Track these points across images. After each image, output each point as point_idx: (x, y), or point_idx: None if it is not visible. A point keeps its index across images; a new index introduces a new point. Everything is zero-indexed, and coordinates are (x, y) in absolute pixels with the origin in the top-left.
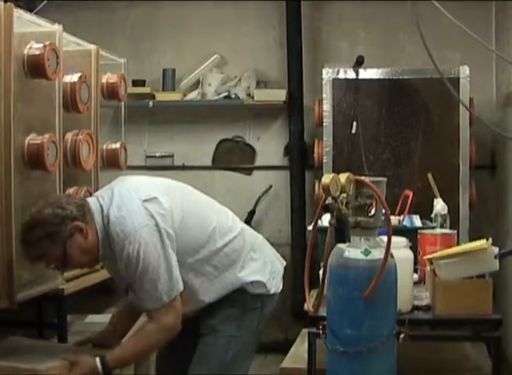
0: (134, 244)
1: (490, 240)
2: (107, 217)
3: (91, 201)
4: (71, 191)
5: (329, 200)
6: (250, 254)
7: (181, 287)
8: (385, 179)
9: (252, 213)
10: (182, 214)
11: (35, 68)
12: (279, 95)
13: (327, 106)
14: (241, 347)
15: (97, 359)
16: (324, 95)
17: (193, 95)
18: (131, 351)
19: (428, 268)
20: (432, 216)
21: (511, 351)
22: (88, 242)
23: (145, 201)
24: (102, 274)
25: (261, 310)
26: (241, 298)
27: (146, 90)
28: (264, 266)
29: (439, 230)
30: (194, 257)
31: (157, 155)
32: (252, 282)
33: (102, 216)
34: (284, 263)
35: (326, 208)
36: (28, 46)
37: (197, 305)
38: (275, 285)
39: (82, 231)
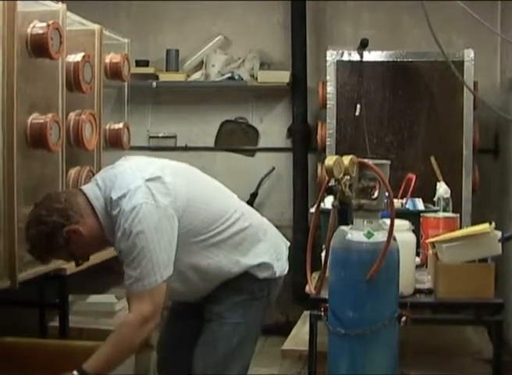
0: (128, 222)
1: (493, 224)
2: (109, 200)
3: (89, 188)
4: (73, 171)
5: (332, 182)
6: (257, 235)
7: (168, 273)
8: (388, 162)
9: (254, 195)
10: (187, 195)
11: (38, 47)
12: (283, 77)
13: (331, 88)
14: (247, 333)
15: (75, 372)
16: (328, 77)
17: (196, 76)
18: (109, 350)
19: (430, 251)
20: (435, 199)
21: None
22: (87, 236)
23: (148, 180)
24: (104, 254)
25: (268, 296)
26: (248, 284)
27: (149, 70)
28: (269, 248)
29: (441, 214)
30: (199, 238)
31: (160, 135)
32: (259, 264)
33: (105, 200)
34: (288, 244)
35: (329, 191)
36: (31, 25)
37: (202, 289)
38: (281, 267)
39: (75, 232)
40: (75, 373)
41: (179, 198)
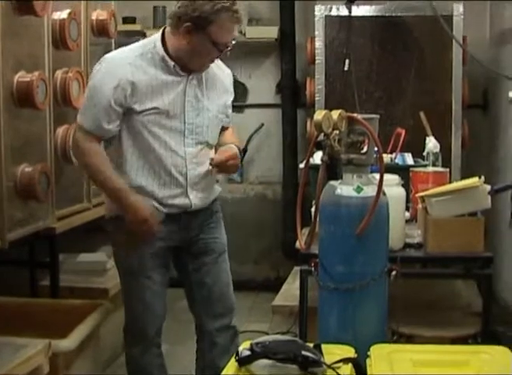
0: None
1: (482, 178)
2: None
3: None
4: (61, 129)
5: (321, 137)
6: None
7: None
8: (377, 116)
9: (244, 151)
10: None
11: (23, 4)
12: (271, 32)
13: (319, 44)
14: None
15: None
16: (316, 33)
17: None
18: None
19: (420, 206)
20: (424, 154)
21: (501, 289)
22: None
23: None
24: (94, 212)
25: None
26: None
27: (136, 27)
28: None
29: (431, 168)
30: None
31: None
32: None
33: None
34: None
35: (318, 145)
36: None
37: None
38: None
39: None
40: None
41: None
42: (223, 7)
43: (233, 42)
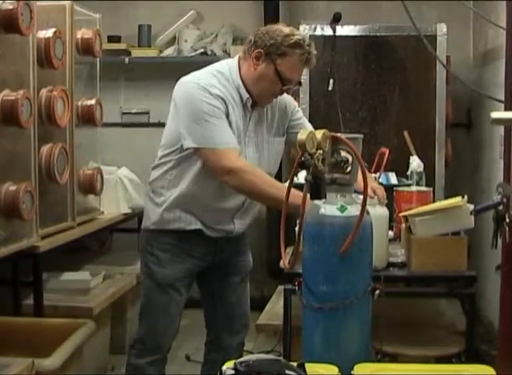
0: None
1: (465, 197)
2: None
3: None
4: (46, 148)
5: (305, 157)
6: None
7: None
8: (361, 135)
9: None
10: None
11: (8, 23)
12: None
13: None
14: None
15: None
16: None
17: (169, 52)
18: None
19: (403, 225)
20: (408, 173)
21: (485, 308)
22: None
23: None
24: (78, 231)
25: None
26: None
27: (121, 46)
28: None
29: (414, 188)
30: None
31: (133, 111)
32: None
33: None
34: None
35: (302, 165)
36: (1, 1)
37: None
38: None
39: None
40: None
41: None
42: (298, 43)
43: (296, 85)
